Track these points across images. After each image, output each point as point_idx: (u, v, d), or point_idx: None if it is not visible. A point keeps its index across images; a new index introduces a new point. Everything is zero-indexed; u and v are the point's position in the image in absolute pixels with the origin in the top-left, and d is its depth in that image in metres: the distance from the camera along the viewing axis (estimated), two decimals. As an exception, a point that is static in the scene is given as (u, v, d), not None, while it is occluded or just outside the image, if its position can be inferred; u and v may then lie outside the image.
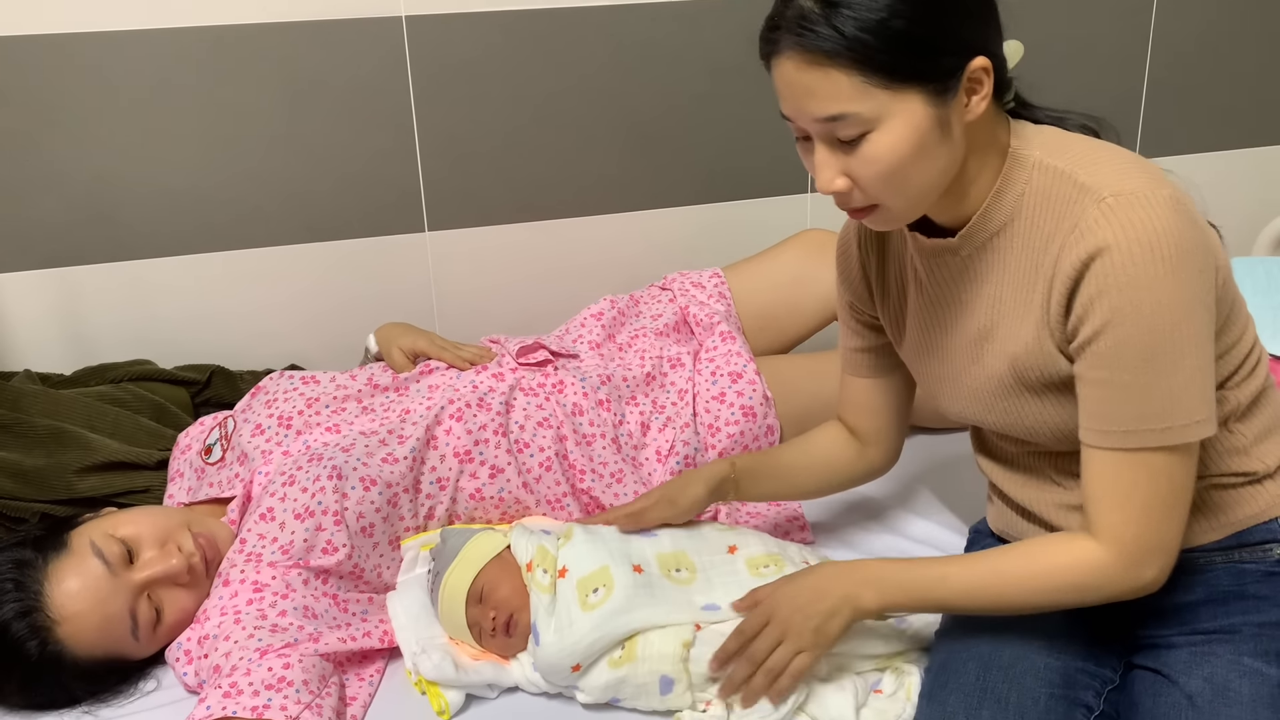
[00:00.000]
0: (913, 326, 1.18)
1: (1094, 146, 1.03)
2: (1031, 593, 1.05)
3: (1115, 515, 1.00)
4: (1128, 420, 0.97)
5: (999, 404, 1.11)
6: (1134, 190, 0.95)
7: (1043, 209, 1.01)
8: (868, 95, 0.94)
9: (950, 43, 0.96)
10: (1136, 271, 0.93)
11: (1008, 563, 1.06)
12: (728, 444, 1.57)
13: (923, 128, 0.96)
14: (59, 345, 1.79)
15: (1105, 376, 0.97)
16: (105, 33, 1.67)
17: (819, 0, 0.94)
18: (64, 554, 1.26)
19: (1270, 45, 2.25)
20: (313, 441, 1.42)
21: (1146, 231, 0.93)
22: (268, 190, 1.81)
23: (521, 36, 1.83)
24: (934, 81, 0.95)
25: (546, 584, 1.20)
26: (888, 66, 0.93)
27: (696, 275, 1.78)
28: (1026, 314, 1.04)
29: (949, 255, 1.09)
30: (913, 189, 1.00)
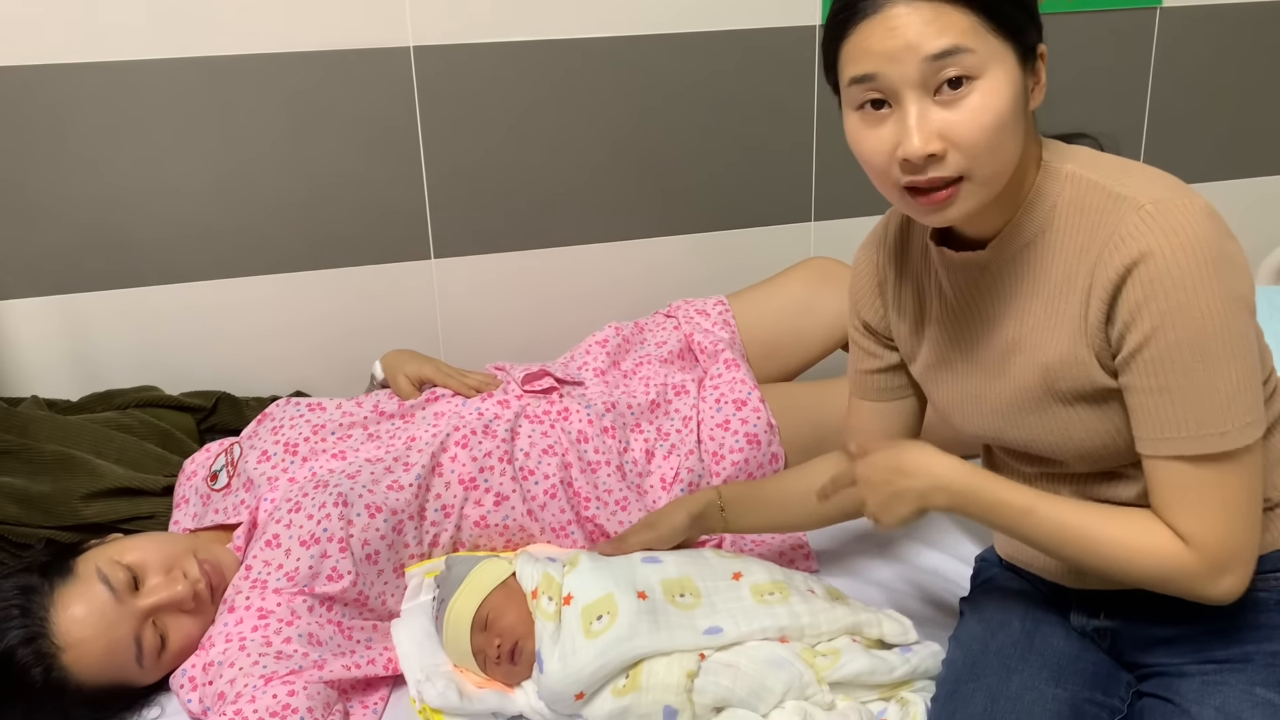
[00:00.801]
0: (932, 343, 1.17)
1: (1124, 162, 1.03)
2: (1110, 562, 1.02)
3: (1194, 523, 0.98)
4: (1187, 426, 0.96)
5: (1024, 418, 1.10)
6: (1171, 198, 0.96)
7: (1076, 220, 1.01)
8: (982, 37, 0.94)
9: (1035, 16, 0.99)
10: (1181, 275, 0.93)
11: (1098, 525, 1.02)
12: (732, 471, 1.57)
13: (1016, 87, 0.96)
14: (66, 371, 1.80)
15: (1158, 383, 0.96)
16: (114, 63, 1.68)
17: None
18: (70, 580, 1.26)
19: (1270, 75, 2.26)
20: (319, 469, 1.43)
21: (1188, 236, 0.93)
22: (275, 218, 1.82)
23: (527, 67, 1.85)
24: (1024, 47, 0.97)
25: (551, 611, 1.20)
26: (1001, 13, 0.95)
27: (701, 303, 1.79)
28: (1059, 324, 1.03)
29: (977, 269, 1.08)
30: (1004, 156, 0.98)
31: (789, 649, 1.17)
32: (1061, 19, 2.07)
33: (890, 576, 1.48)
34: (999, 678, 1.12)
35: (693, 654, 1.16)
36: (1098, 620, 1.17)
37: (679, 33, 1.90)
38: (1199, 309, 0.93)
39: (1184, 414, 0.96)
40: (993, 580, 1.29)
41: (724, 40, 1.92)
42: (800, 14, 1.93)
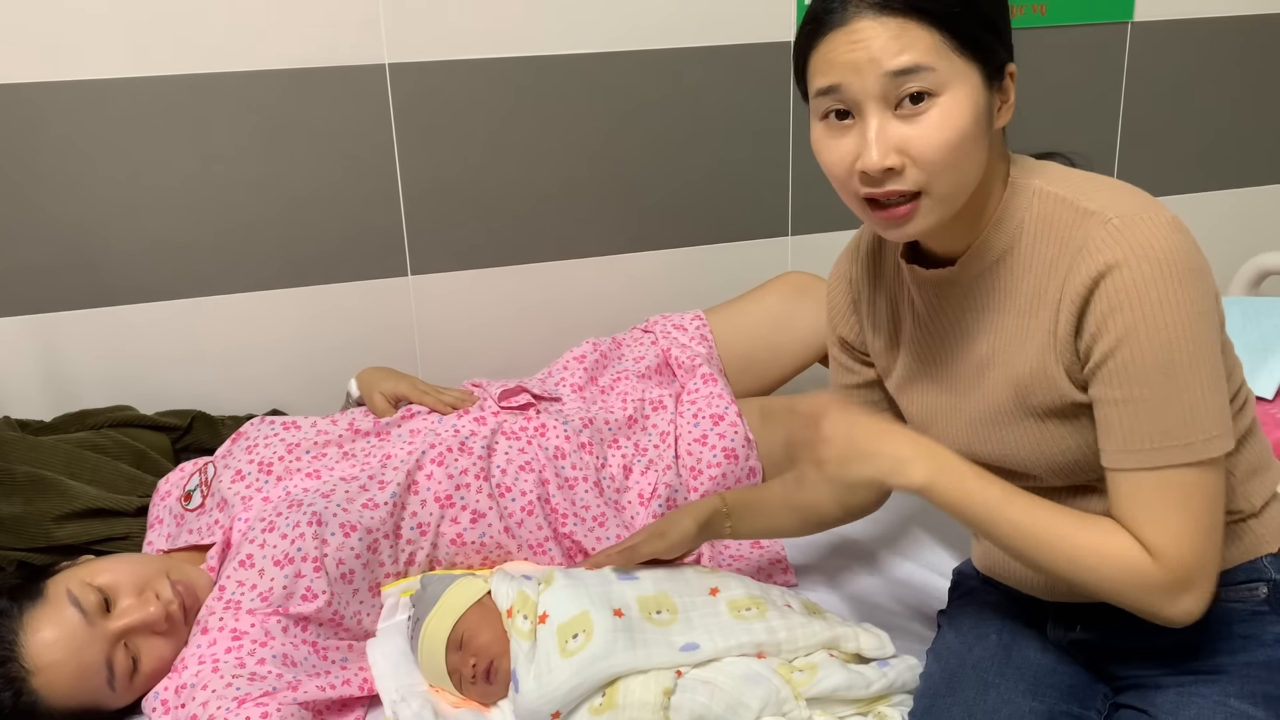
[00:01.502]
0: (906, 359, 1.18)
1: (1092, 177, 1.04)
2: (1073, 566, 1.00)
3: (1159, 536, 0.97)
4: (1151, 438, 0.96)
5: (997, 433, 1.10)
6: (1138, 212, 0.96)
7: (1045, 235, 1.02)
8: (944, 55, 0.95)
9: (1005, 36, 1.00)
10: (1147, 286, 0.94)
11: (1067, 527, 1.00)
12: (710, 486, 1.57)
13: (979, 106, 0.97)
14: (39, 391, 1.78)
15: (1123, 395, 0.96)
16: (87, 81, 1.68)
17: None
18: (40, 603, 1.25)
19: (1241, 88, 2.29)
20: (293, 488, 1.42)
21: (1155, 248, 0.94)
22: (250, 236, 1.82)
23: (503, 84, 1.85)
24: (989, 66, 0.98)
25: (527, 630, 1.19)
26: (966, 34, 0.96)
27: (679, 318, 1.79)
28: (1030, 338, 1.04)
29: (948, 285, 1.09)
30: (963, 174, 0.98)
31: (766, 665, 1.17)
32: (1034, 33, 2.09)
33: (868, 589, 1.49)
34: (976, 692, 1.12)
35: (669, 671, 1.16)
36: (1074, 633, 1.17)
37: (655, 49, 1.91)
38: (1165, 321, 0.94)
39: (1149, 426, 0.96)
40: (970, 593, 1.30)
41: (699, 56, 1.93)
42: (775, 30, 1.94)
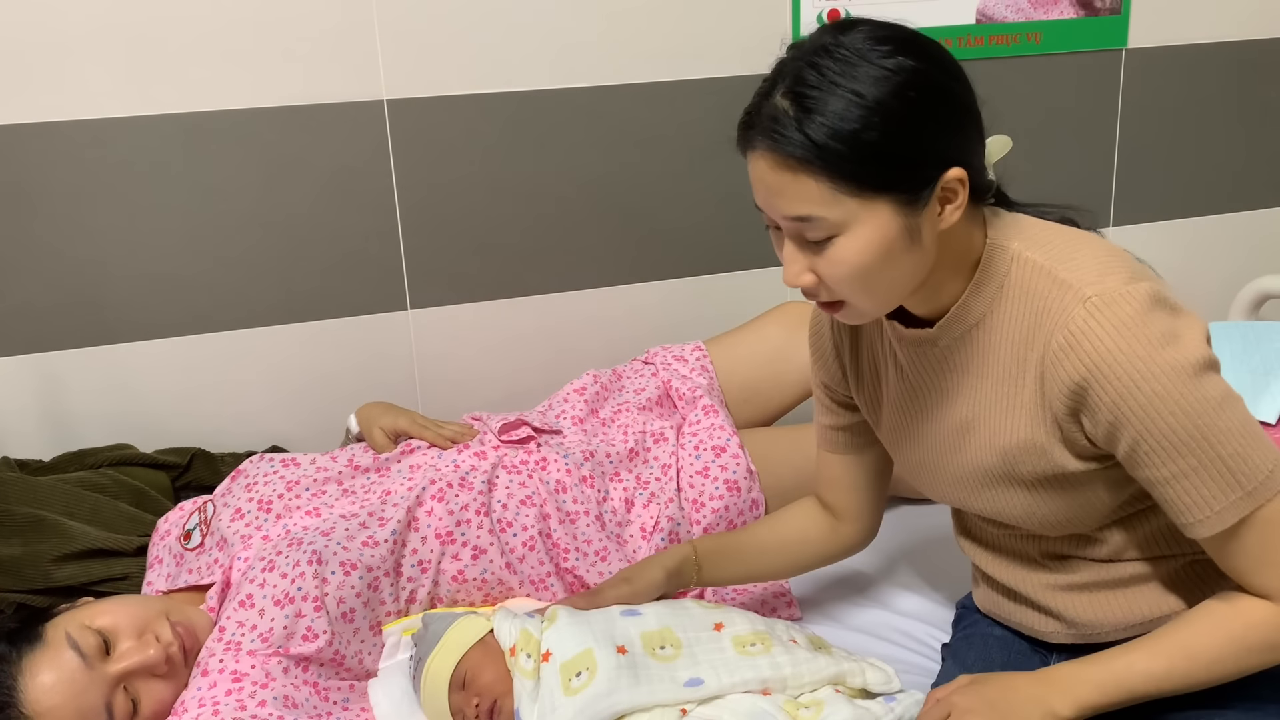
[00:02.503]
0: (890, 411, 1.18)
1: (1070, 238, 1.03)
2: (1226, 665, 1.00)
3: (1268, 577, 0.98)
4: (1216, 500, 0.96)
5: (984, 492, 1.11)
6: (1115, 288, 0.96)
7: (1023, 303, 1.01)
8: (836, 202, 0.94)
9: (925, 156, 0.95)
10: (1144, 367, 0.94)
11: (1191, 640, 1.01)
12: (712, 519, 1.56)
13: (890, 235, 0.96)
14: (38, 431, 1.78)
15: (1171, 472, 0.96)
16: (87, 120, 1.68)
17: (794, 103, 0.94)
18: (38, 647, 1.24)
19: (1236, 113, 2.30)
20: (292, 526, 1.41)
21: (1136, 327, 0.94)
22: (250, 272, 1.82)
23: (501, 118, 1.86)
24: (905, 192, 0.95)
25: (530, 669, 1.18)
26: (858, 176, 0.93)
27: (679, 349, 1.79)
28: (1015, 410, 1.04)
29: (928, 345, 1.09)
30: (879, 291, 1.01)
31: (771, 701, 1.16)
32: (1029, 61, 2.10)
33: (872, 622, 1.47)
34: None
35: (674, 709, 1.14)
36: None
37: (650, 82, 1.92)
38: (1173, 394, 0.94)
39: (1208, 490, 0.96)
40: (974, 626, 1.29)
41: (695, 89, 1.93)
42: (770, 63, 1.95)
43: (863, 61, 0.93)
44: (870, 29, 0.96)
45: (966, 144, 0.99)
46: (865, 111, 0.92)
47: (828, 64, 0.94)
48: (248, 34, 1.71)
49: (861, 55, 0.94)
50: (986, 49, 2.05)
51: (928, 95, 0.94)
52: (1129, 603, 1.11)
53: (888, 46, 0.94)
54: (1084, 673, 1.03)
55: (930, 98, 0.94)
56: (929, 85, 0.94)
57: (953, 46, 2.00)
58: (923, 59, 0.95)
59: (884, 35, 0.96)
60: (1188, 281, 2.32)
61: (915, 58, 0.95)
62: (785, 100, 0.94)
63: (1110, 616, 1.12)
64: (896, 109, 0.93)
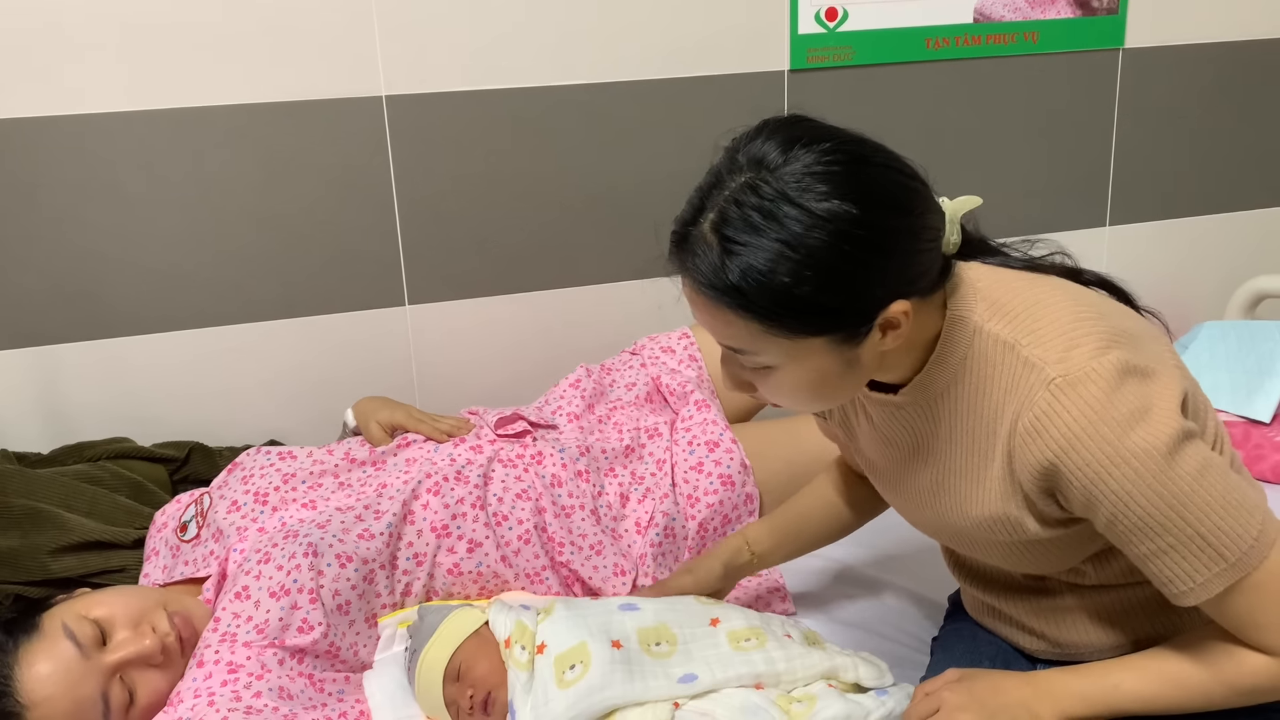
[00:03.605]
0: (868, 451, 1.17)
1: (1034, 300, 0.98)
2: (1210, 699, 1.00)
3: (1262, 637, 0.96)
4: (1200, 571, 0.94)
5: (961, 544, 1.12)
6: (1079, 366, 0.92)
7: (987, 378, 0.99)
8: (766, 342, 0.92)
9: (861, 302, 0.90)
10: (1113, 451, 0.91)
11: (1183, 669, 1.00)
12: (707, 514, 1.57)
13: (825, 369, 0.94)
14: (37, 424, 1.78)
15: (1153, 547, 0.94)
16: (85, 115, 1.69)
17: (719, 240, 0.89)
18: (35, 637, 1.24)
19: (1233, 113, 2.30)
20: (288, 518, 1.42)
21: (1102, 408, 0.91)
22: (249, 267, 1.82)
23: (500, 114, 1.87)
24: (840, 333, 0.92)
25: (524, 661, 1.19)
26: (788, 324, 0.90)
27: (666, 338, 1.79)
28: (984, 481, 1.02)
29: (894, 408, 1.07)
30: (819, 404, 1.02)
31: (764, 696, 1.16)
32: (1025, 61, 2.11)
33: (867, 616, 1.48)
34: None
35: (666, 704, 1.15)
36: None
37: (648, 79, 1.92)
38: (1145, 477, 0.91)
39: (1187, 565, 0.94)
40: (964, 621, 1.30)
41: (693, 86, 1.94)
42: (767, 60, 1.96)
43: (794, 206, 0.86)
44: (814, 157, 0.88)
45: (912, 271, 0.93)
46: (796, 265, 0.86)
47: (753, 203, 0.87)
48: (247, 29, 1.72)
49: (793, 197, 0.87)
50: (984, 48, 2.05)
51: (865, 245, 0.88)
52: (1113, 626, 1.12)
53: (825, 187, 0.87)
54: (1072, 684, 1.04)
55: (867, 247, 0.88)
56: (866, 235, 0.88)
57: (949, 46, 2.04)
58: (863, 201, 0.87)
59: (824, 170, 0.88)
60: (1184, 281, 2.33)
61: (854, 201, 0.87)
62: (712, 235, 0.89)
63: (1095, 638, 1.13)
64: (829, 261, 0.87)
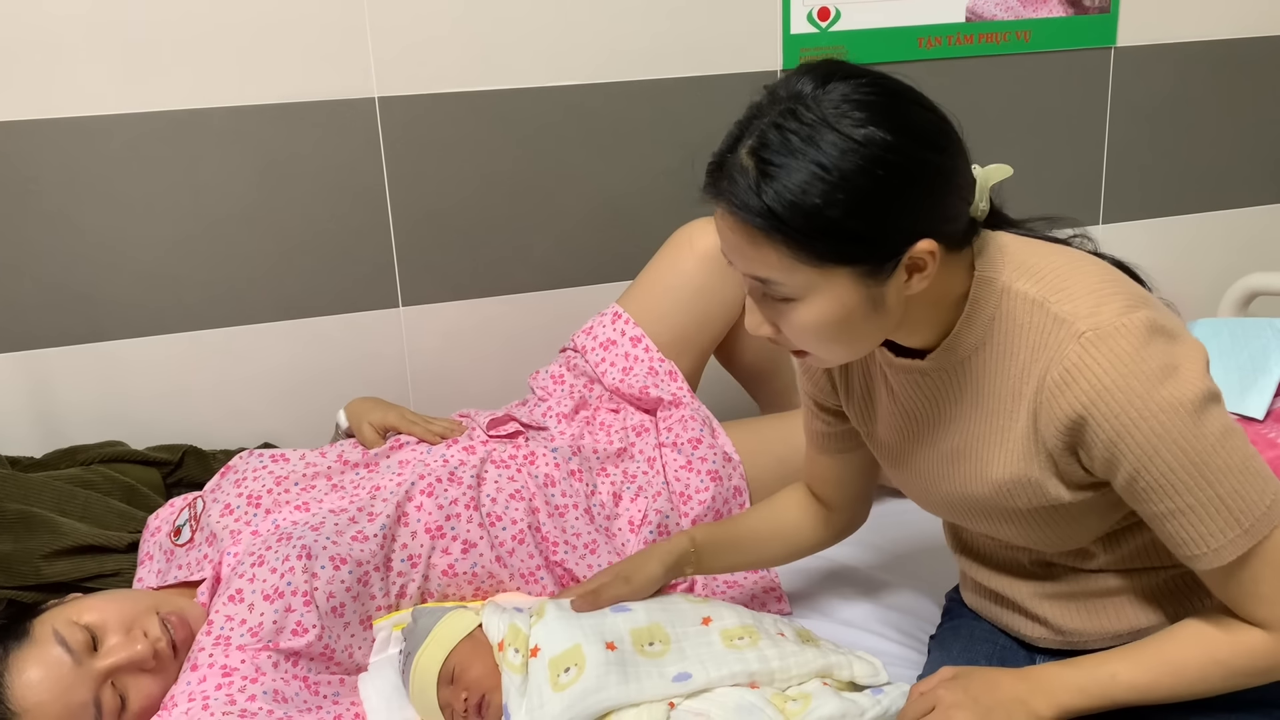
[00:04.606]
0: (884, 430, 1.17)
1: (1061, 263, 1.00)
2: (1210, 682, 1.01)
3: (1262, 609, 0.97)
4: (1215, 536, 0.95)
5: (976, 517, 1.11)
6: (1109, 321, 0.93)
7: (1016, 336, 0.99)
8: (794, 269, 0.93)
9: (889, 233, 0.92)
10: (1142, 404, 0.92)
11: (1177, 655, 1.01)
12: (700, 511, 1.56)
13: (849, 305, 0.94)
14: (30, 428, 1.78)
15: (1170, 507, 0.95)
16: (78, 118, 1.68)
17: (756, 166, 0.91)
18: (25, 643, 1.24)
19: (1225, 111, 2.31)
20: (282, 521, 1.41)
21: (1133, 362, 0.92)
22: (242, 269, 1.82)
23: (492, 116, 1.87)
24: (867, 265, 0.93)
25: (518, 664, 1.18)
26: (816, 250, 0.91)
27: (600, 328, 1.70)
28: (1008, 444, 1.03)
29: (919, 374, 1.07)
30: (840, 349, 1.00)
31: (759, 695, 1.16)
32: (1017, 59, 2.11)
33: (862, 615, 1.48)
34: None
35: (661, 704, 1.15)
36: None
37: (640, 79, 1.92)
38: (1172, 432, 0.93)
39: (1204, 528, 0.95)
40: (961, 619, 1.30)
41: (686, 86, 1.94)
42: (760, 60, 1.96)
43: (831, 129, 0.89)
44: (850, 87, 0.91)
45: (941, 212, 0.95)
46: (829, 186, 0.88)
47: (794, 127, 0.90)
48: (239, 31, 1.72)
49: (831, 122, 0.89)
50: (976, 47, 2.05)
51: (898, 173, 0.90)
52: (1116, 612, 1.12)
53: (862, 114, 0.89)
54: (1068, 676, 1.04)
55: (900, 175, 0.90)
56: (900, 162, 0.89)
57: (942, 45, 2.04)
58: (899, 131, 0.90)
59: (862, 98, 0.90)
60: (1177, 279, 2.33)
61: (889, 129, 0.89)
62: (749, 159, 0.91)
63: (1096, 625, 1.13)
64: (862, 186, 0.89)
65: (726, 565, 1.38)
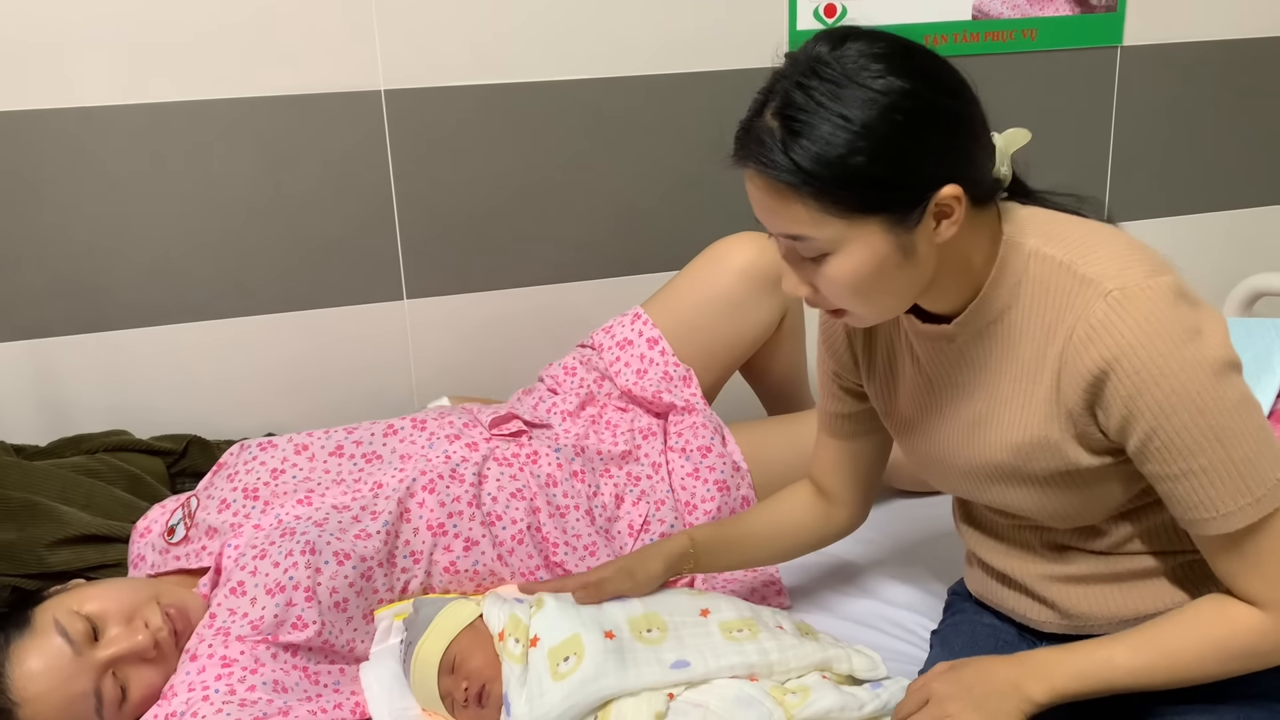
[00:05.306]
0: (905, 403, 1.17)
1: (1087, 232, 1.02)
2: (1206, 667, 1.01)
3: (1263, 586, 0.98)
4: (1225, 501, 0.96)
5: (994, 486, 1.11)
6: (1136, 282, 0.95)
7: (1042, 299, 1.01)
8: (824, 223, 0.95)
9: (913, 178, 0.95)
10: (1164, 363, 0.93)
11: (1173, 639, 1.02)
12: (705, 520, 1.55)
13: (882, 254, 0.96)
14: (35, 416, 1.79)
15: (1180, 469, 0.96)
16: (85, 108, 1.69)
17: (782, 125, 0.94)
18: (26, 632, 1.24)
19: (1230, 111, 2.31)
20: (285, 515, 1.40)
21: (1159, 321, 0.93)
22: (247, 261, 1.83)
23: (498, 109, 1.87)
24: (895, 213, 0.95)
25: (518, 653, 1.19)
26: (844, 200, 0.94)
27: (620, 327, 1.69)
28: (1029, 405, 1.03)
29: (945, 341, 1.08)
30: (877, 303, 1.01)
31: (758, 687, 1.16)
32: (1023, 59, 2.11)
33: (862, 611, 1.48)
34: None
35: (661, 694, 1.15)
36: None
37: (647, 74, 1.92)
38: (1191, 392, 0.93)
39: (1216, 491, 0.96)
40: (964, 614, 1.30)
41: (691, 82, 1.94)
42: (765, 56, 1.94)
43: (851, 83, 0.92)
44: (866, 44, 0.95)
45: (963, 159, 0.97)
46: (851, 136, 0.91)
47: (816, 85, 0.93)
48: (246, 23, 1.72)
49: (851, 76, 0.93)
50: (982, 45, 2.05)
51: (917, 118, 0.93)
52: (1124, 597, 1.12)
53: (880, 65, 0.93)
54: (1063, 661, 1.04)
55: (919, 120, 0.93)
56: (919, 107, 0.93)
57: (948, 43, 2.04)
58: (915, 78, 0.93)
59: (879, 52, 0.94)
60: (1181, 279, 2.33)
61: (907, 77, 0.93)
62: (774, 121, 0.95)
63: (1105, 609, 1.13)
64: (883, 133, 0.92)
65: (724, 565, 1.39)
